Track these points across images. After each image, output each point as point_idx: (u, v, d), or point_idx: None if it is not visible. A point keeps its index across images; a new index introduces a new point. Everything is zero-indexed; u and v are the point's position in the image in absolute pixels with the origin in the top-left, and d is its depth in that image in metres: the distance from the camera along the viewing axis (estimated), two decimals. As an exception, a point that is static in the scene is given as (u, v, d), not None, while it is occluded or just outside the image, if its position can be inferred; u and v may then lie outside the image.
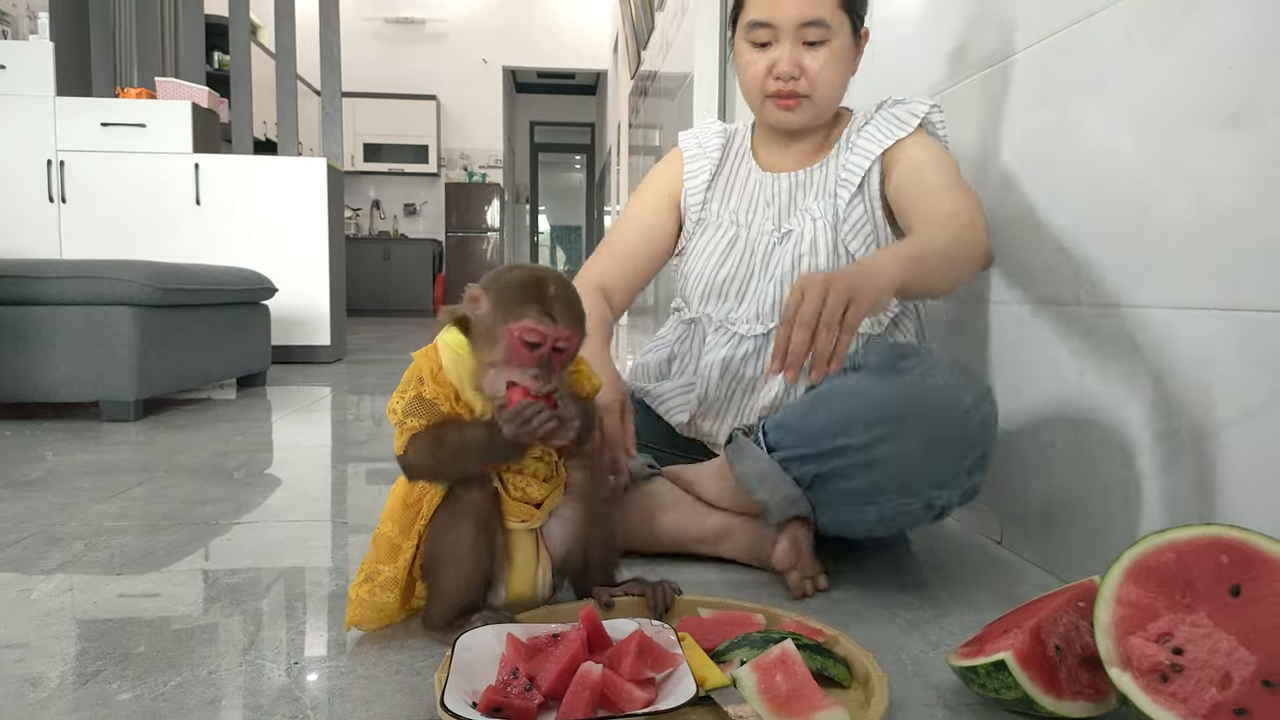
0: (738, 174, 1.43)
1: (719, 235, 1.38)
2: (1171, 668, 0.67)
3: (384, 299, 9.95)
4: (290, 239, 4.09)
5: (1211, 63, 0.92)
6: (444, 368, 0.93)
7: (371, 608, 0.96)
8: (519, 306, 0.88)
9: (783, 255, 1.31)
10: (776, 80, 1.28)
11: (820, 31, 1.25)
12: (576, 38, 10.59)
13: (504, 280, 0.91)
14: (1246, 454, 0.88)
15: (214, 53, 7.08)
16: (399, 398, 0.93)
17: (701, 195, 1.42)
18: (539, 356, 0.88)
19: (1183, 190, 0.96)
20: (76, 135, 3.86)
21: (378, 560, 0.96)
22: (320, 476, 1.86)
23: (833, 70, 1.28)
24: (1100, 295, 1.11)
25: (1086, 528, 1.14)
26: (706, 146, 1.45)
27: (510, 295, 0.89)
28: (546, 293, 0.89)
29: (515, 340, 0.88)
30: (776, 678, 0.78)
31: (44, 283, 2.51)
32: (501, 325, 0.88)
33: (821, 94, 1.29)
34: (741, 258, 1.35)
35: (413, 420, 0.92)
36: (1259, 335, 0.86)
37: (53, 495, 1.64)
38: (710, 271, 1.37)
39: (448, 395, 0.93)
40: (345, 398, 3.14)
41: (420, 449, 0.93)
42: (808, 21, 1.24)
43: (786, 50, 1.26)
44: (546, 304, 0.88)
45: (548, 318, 0.88)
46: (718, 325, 1.35)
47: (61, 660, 0.90)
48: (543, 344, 0.88)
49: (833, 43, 1.26)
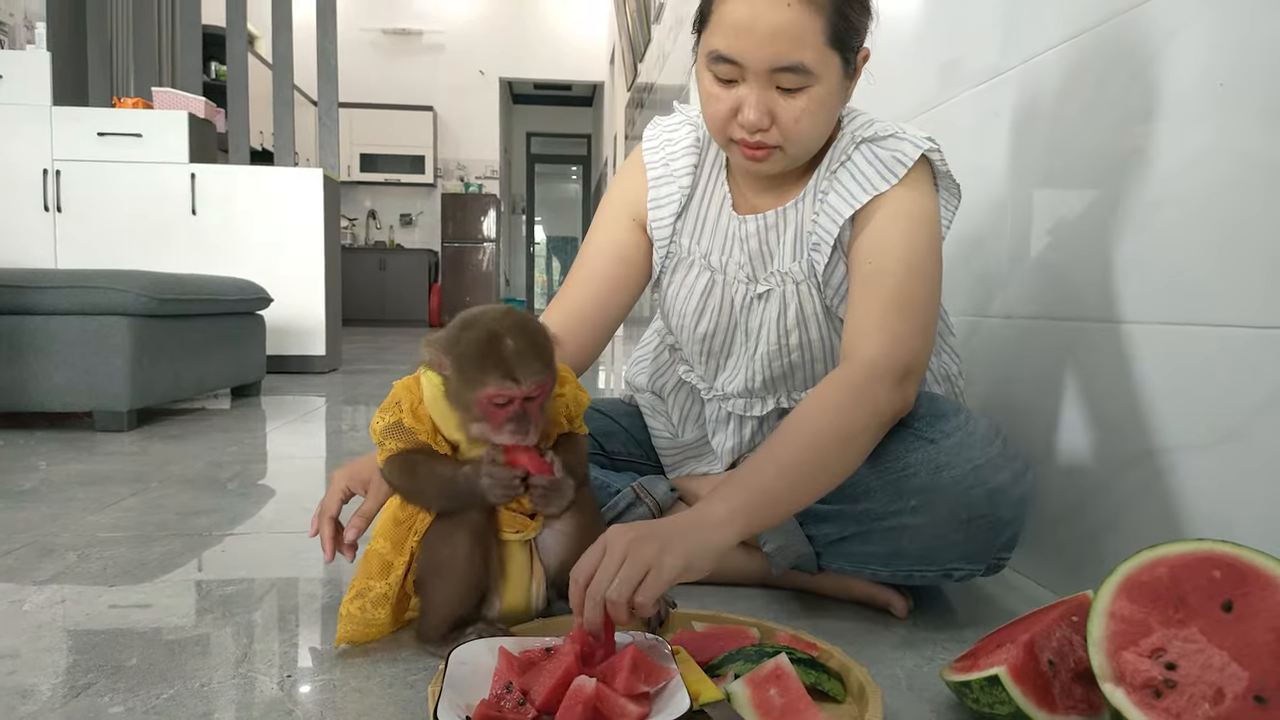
0: (709, 205, 1.18)
1: (693, 276, 1.18)
2: (1164, 683, 0.67)
3: (380, 309, 9.95)
4: (286, 249, 4.09)
5: (1204, 79, 0.93)
6: (425, 402, 0.94)
7: (362, 624, 0.95)
8: (480, 375, 0.88)
9: (765, 323, 1.14)
10: (741, 128, 1.01)
11: (798, 78, 0.97)
12: (573, 50, 10.62)
13: (462, 345, 0.89)
14: (1237, 469, 0.89)
15: (211, 63, 7.09)
16: (380, 417, 0.95)
17: (670, 227, 1.19)
18: (511, 413, 0.89)
19: (1174, 206, 0.97)
20: (73, 145, 3.86)
21: (368, 576, 0.95)
22: (314, 487, 1.86)
23: (811, 121, 1.01)
24: (1091, 310, 1.12)
25: (1080, 541, 1.14)
26: (674, 168, 1.19)
27: (469, 364, 0.88)
28: (504, 353, 0.87)
29: (485, 405, 0.89)
30: (771, 692, 0.78)
31: (39, 292, 2.50)
32: (469, 392, 0.89)
33: (796, 145, 1.03)
34: (720, 308, 1.17)
35: (390, 442, 0.94)
36: (1246, 351, 0.87)
37: (46, 506, 1.63)
38: (691, 325, 1.20)
39: (426, 429, 0.94)
40: (340, 408, 3.14)
41: (394, 471, 0.95)
42: (782, 67, 0.96)
43: (755, 95, 0.98)
44: (506, 366, 0.87)
45: (510, 381, 0.87)
46: (711, 396, 1.24)
47: (53, 672, 0.90)
48: (511, 403, 0.89)
49: (814, 89, 0.99)
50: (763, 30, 0.95)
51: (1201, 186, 0.93)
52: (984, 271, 1.38)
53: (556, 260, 17.23)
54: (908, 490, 0.99)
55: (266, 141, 7.70)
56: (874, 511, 1.01)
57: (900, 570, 1.03)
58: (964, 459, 0.98)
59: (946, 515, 0.97)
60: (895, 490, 0.99)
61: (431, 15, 10.42)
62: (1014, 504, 0.99)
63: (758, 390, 1.18)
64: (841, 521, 1.03)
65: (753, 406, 1.20)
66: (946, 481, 0.97)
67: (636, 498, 1.19)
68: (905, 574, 1.04)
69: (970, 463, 0.97)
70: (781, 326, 1.13)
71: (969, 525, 0.98)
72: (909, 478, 0.99)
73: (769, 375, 1.16)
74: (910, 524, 0.99)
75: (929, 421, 1.03)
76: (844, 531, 1.04)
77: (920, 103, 1.61)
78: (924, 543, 0.99)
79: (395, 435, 0.94)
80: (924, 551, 1.00)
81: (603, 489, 1.18)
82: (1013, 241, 1.31)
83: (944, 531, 0.98)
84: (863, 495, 1.02)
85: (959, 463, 0.97)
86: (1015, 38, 1.30)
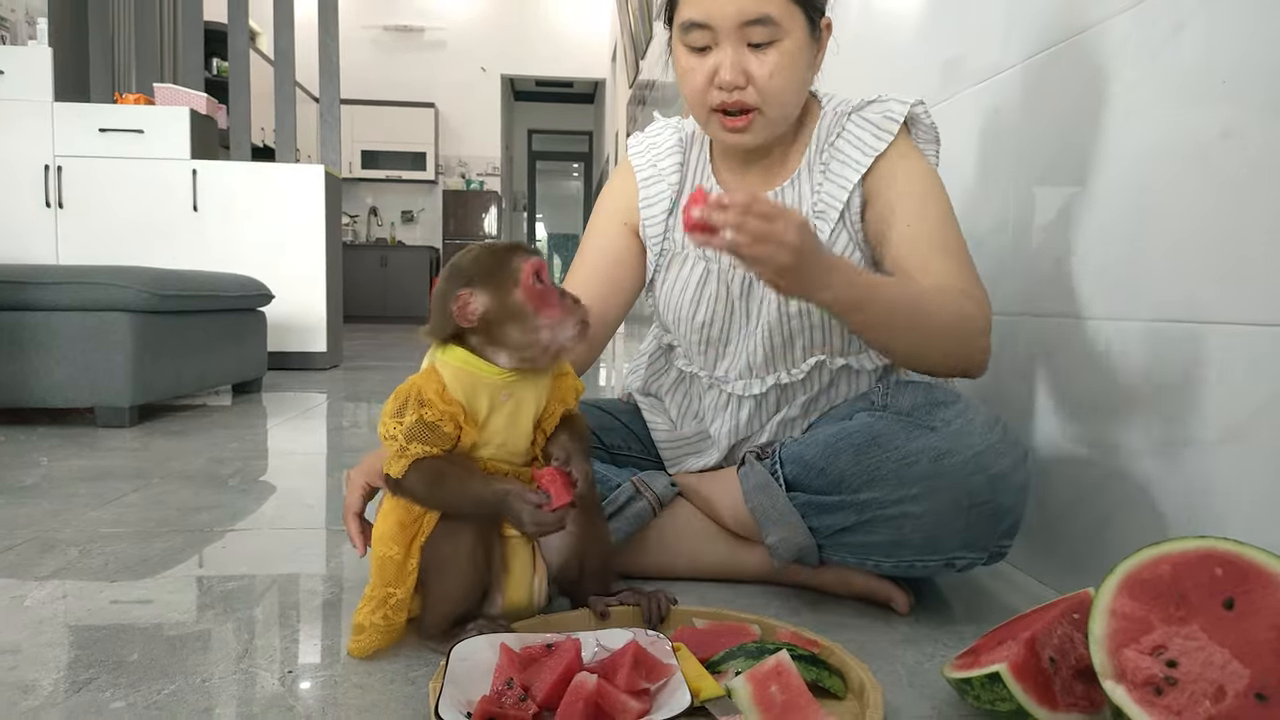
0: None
1: (687, 270, 1.21)
2: (1165, 680, 0.67)
3: (381, 306, 9.95)
4: (288, 245, 4.09)
5: (1206, 77, 0.93)
6: (448, 387, 0.92)
7: (385, 632, 0.93)
8: (508, 266, 0.92)
9: (766, 298, 1.17)
10: (719, 90, 1.08)
11: (767, 31, 1.05)
12: (575, 46, 10.62)
13: (476, 269, 0.93)
14: (1238, 467, 0.88)
15: (213, 59, 7.09)
16: (395, 422, 0.90)
17: (663, 224, 1.24)
18: (556, 290, 0.93)
19: (1177, 203, 0.97)
20: (74, 141, 3.86)
21: (386, 584, 0.93)
22: (315, 483, 1.86)
23: (785, 76, 1.07)
24: (1092, 308, 1.11)
25: (1081, 538, 1.14)
26: (662, 168, 1.25)
27: (498, 265, 0.93)
28: (507, 245, 0.94)
29: (531, 288, 0.91)
30: (771, 689, 0.78)
31: (40, 288, 2.51)
32: (509, 297, 0.91)
33: (774, 105, 1.09)
34: (717, 296, 1.19)
35: (417, 446, 0.90)
36: (1249, 349, 0.86)
37: (47, 501, 1.63)
38: (688, 316, 1.21)
39: (454, 414, 0.91)
40: (341, 404, 3.14)
41: (422, 479, 0.91)
42: (750, 20, 1.04)
43: (729, 54, 1.06)
44: (520, 248, 0.94)
45: (534, 254, 0.94)
46: (710, 384, 1.25)
47: (54, 668, 0.90)
48: (544, 278, 0.93)
49: (783, 42, 1.06)
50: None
51: (1204, 185, 0.93)
52: (985, 268, 1.37)
53: (558, 257, 17.23)
54: (910, 478, 0.99)
55: (268, 138, 7.71)
56: (877, 500, 1.01)
57: (903, 561, 1.04)
58: (965, 445, 0.98)
59: (949, 502, 0.98)
60: (898, 479, 1.00)
61: (433, 12, 10.41)
62: (1015, 490, 0.99)
63: (758, 367, 1.20)
64: (844, 512, 1.03)
65: (752, 386, 1.21)
66: (948, 468, 0.98)
67: (636, 491, 1.19)
68: (908, 564, 1.04)
69: (971, 449, 0.98)
70: (784, 307, 1.15)
71: (971, 512, 0.98)
72: (910, 465, 0.99)
73: (770, 348, 1.18)
74: (912, 512, 0.99)
75: (929, 410, 1.04)
76: (846, 522, 1.04)
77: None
78: (926, 531, 1.00)
79: (420, 438, 0.90)
80: (926, 540, 1.00)
81: (603, 483, 1.18)
82: (1014, 238, 1.30)
83: (946, 519, 0.99)
84: (865, 485, 1.02)
85: (960, 449, 0.98)
86: (1016, 35, 1.30)
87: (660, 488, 1.21)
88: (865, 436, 1.03)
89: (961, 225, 1.16)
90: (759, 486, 1.09)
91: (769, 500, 1.08)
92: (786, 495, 1.07)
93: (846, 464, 1.03)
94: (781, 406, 1.22)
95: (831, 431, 1.08)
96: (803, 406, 1.21)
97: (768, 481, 1.09)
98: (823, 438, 1.08)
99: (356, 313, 9.63)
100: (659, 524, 1.20)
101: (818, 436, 1.09)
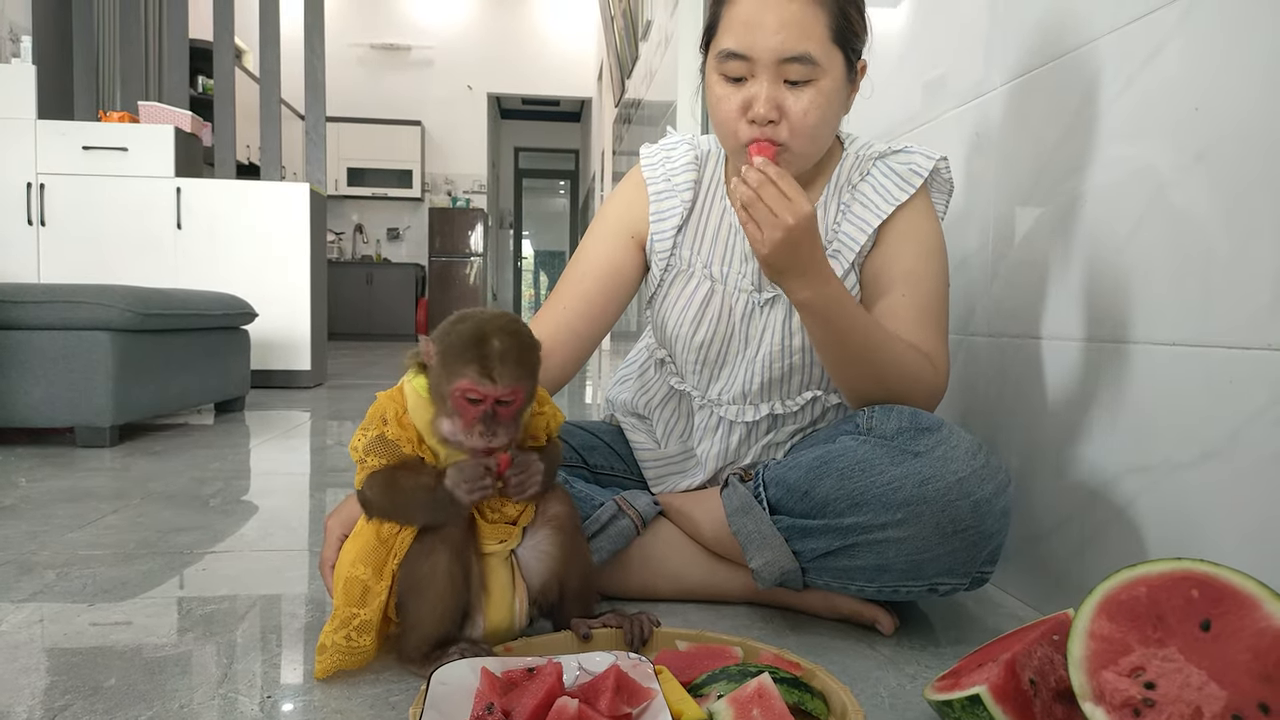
0: (710, 214, 1.24)
1: (691, 287, 1.22)
2: (1144, 702, 0.68)
3: (366, 323, 9.93)
4: (272, 263, 4.08)
5: (1181, 100, 0.94)
6: (409, 410, 0.93)
7: (347, 653, 0.93)
8: (460, 366, 0.88)
9: (769, 327, 1.18)
10: (751, 125, 1.07)
11: (805, 70, 1.05)
12: (561, 65, 10.67)
13: (450, 336, 0.90)
14: (1216, 488, 0.89)
15: (198, 77, 7.08)
16: (361, 435, 0.93)
17: (671, 240, 1.24)
18: (481, 413, 0.88)
19: (1155, 225, 0.98)
20: (57, 158, 3.85)
21: (349, 604, 0.92)
22: (298, 504, 1.85)
23: (818, 116, 1.07)
24: (1072, 329, 1.13)
25: (1062, 559, 1.15)
26: (676, 183, 1.25)
27: (453, 354, 0.89)
28: (488, 351, 0.88)
29: (458, 399, 0.88)
30: (754, 712, 0.78)
31: (21, 307, 2.49)
32: (446, 383, 0.89)
33: (803, 143, 1.09)
34: (719, 317, 1.20)
35: (373, 459, 0.93)
36: (1229, 371, 0.87)
37: (25, 523, 1.61)
38: (688, 334, 1.22)
39: (410, 438, 0.93)
40: (325, 423, 3.12)
41: (376, 489, 0.93)
42: (790, 57, 1.04)
43: (765, 89, 1.05)
44: (487, 364, 0.87)
45: (487, 379, 0.87)
46: (701, 405, 1.25)
47: (29, 694, 0.89)
48: (484, 402, 0.88)
49: (820, 82, 1.06)
50: (771, 22, 1.04)
51: (1184, 208, 0.94)
52: (967, 289, 1.39)
53: (544, 274, 17.25)
54: (894, 503, 0.99)
55: (253, 155, 7.70)
56: (860, 525, 1.01)
57: (886, 586, 1.04)
58: (949, 471, 0.98)
59: (932, 528, 0.98)
60: (881, 504, 1.00)
61: (419, 30, 10.45)
62: (998, 516, 1.00)
63: (754, 395, 1.20)
64: (827, 536, 1.03)
65: (745, 413, 1.21)
66: (932, 494, 0.98)
67: (619, 510, 1.19)
68: (891, 589, 1.04)
69: (955, 475, 0.98)
70: (787, 329, 1.17)
71: (954, 538, 0.98)
72: (895, 491, 0.99)
73: (767, 378, 1.19)
74: (896, 537, 0.99)
75: (913, 435, 1.03)
76: (830, 546, 1.04)
77: (906, 119, 1.63)
78: (909, 556, 1.00)
79: (377, 451, 0.93)
80: (909, 566, 1.01)
81: (585, 501, 1.18)
82: (995, 260, 1.32)
83: (929, 545, 0.99)
84: (849, 510, 1.02)
85: (944, 475, 0.98)
86: (998, 58, 1.32)
87: (643, 506, 1.21)
88: (849, 461, 1.03)
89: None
90: (742, 509, 1.09)
91: (752, 523, 1.08)
92: (770, 519, 1.07)
93: (830, 488, 1.03)
94: (770, 433, 1.22)
95: (815, 455, 1.07)
96: (790, 435, 1.22)
97: (751, 504, 1.09)
98: (806, 461, 1.07)
99: (341, 330, 9.60)
100: (642, 543, 1.20)
101: (801, 459, 1.09)
